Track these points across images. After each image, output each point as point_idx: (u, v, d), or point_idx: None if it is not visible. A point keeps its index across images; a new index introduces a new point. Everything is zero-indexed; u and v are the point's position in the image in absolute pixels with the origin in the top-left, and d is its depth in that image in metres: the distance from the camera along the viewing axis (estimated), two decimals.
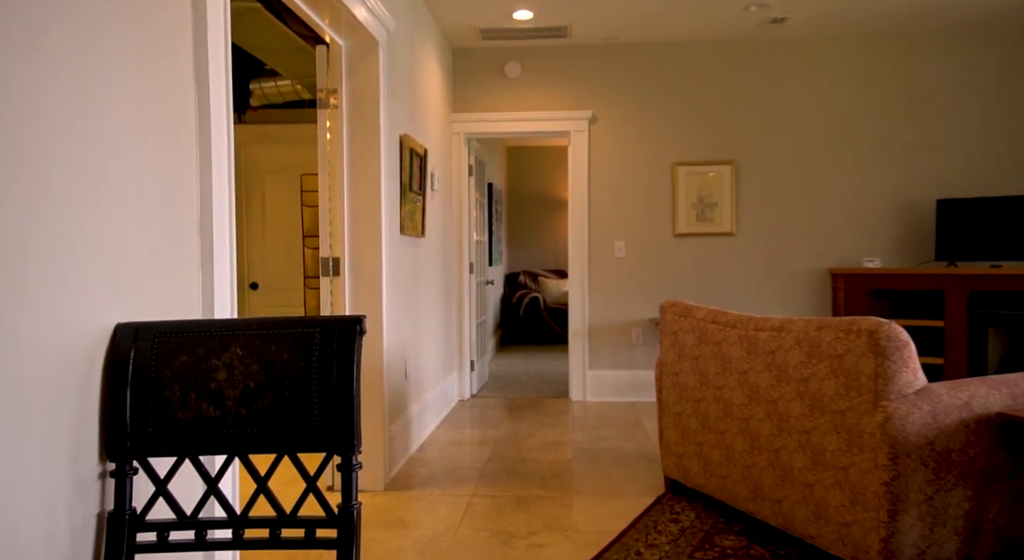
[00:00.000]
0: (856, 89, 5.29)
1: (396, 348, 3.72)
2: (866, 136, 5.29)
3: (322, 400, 1.38)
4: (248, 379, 1.38)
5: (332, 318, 1.43)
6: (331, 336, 1.41)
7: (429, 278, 4.55)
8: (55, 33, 1.24)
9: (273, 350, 1.40)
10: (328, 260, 3.33)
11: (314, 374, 1.39)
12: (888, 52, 5.27)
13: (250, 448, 1.38)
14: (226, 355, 1.39)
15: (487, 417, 4.92)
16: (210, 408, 1.37)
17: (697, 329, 3.00)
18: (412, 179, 3.93)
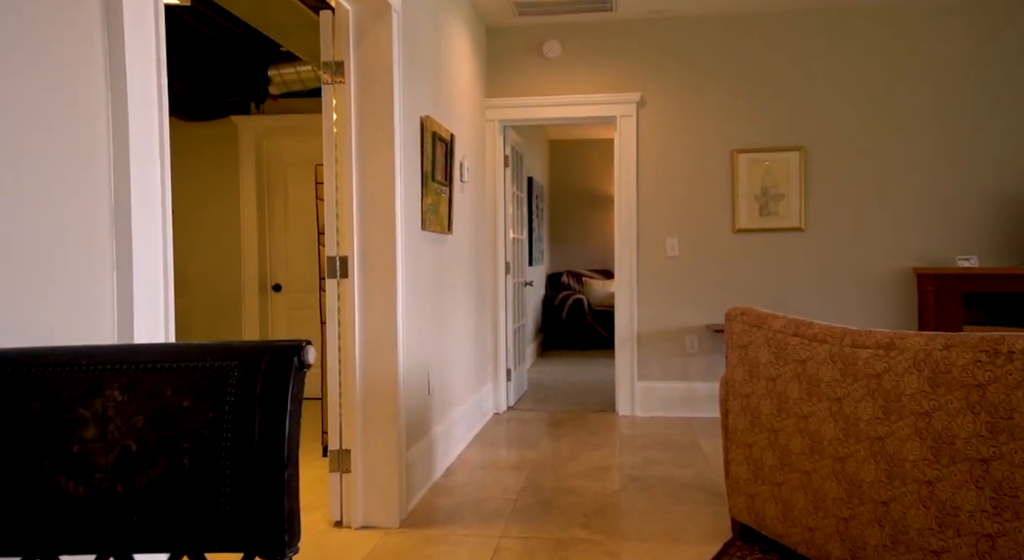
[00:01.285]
0: (954, 68, 4.62)
1: (416, 360, 3.26)
2: (964, 119, 4.62)
3: (237, 472, 0.91)
4: (129, 438, 0.92)
5: (259, 346, 0.95)
6: (254, 373, 0.93)
7: (458, 279, 4.08)
8: None
9: (168, 394, 0.93)
10: (335, 259, 2.88)
11: (226, 431, 0.91)
12: (997, 27, 4.58)
13: (130, 546, 0.91)
14: (99, 401, 0.93)
15: (524, 434, 4.42)
16: (71, 484, 0.91)
17: (774, 343, 2.45)
18: (436, 167, 3.45)
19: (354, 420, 2.89)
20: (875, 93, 4.69)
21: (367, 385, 2.91)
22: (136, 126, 1.30)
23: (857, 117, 4.71)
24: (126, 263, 1.28)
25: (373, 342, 2.90)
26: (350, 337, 2.88)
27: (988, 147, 4.59)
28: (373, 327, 2.90)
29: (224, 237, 5.47)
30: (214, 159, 5.46)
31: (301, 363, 0.94)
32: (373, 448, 2.91)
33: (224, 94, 4.87)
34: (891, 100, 4.68)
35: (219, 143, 5.46)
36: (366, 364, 2.90)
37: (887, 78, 4.68)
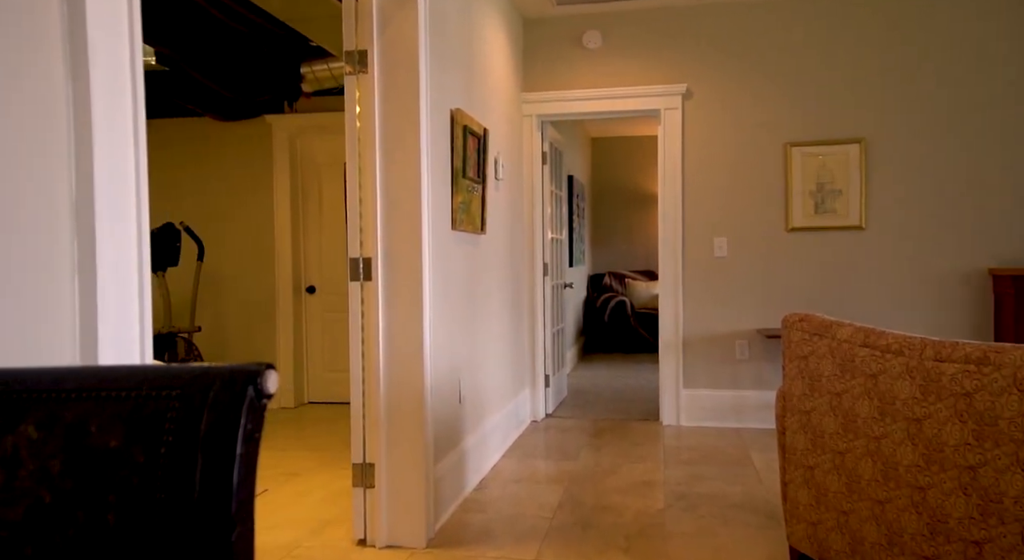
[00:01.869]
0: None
1: (446, 367, 3.07)
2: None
3: (173, 533, 0.71)
4: (42, 487, 0.73)
5: (208, 371, 0.76)
6: (199, 406, 0.74)
7: (492, 282, 3.88)
8: None
9: (93, 432, 0.74)
10: (358, 261, 2.71)
11: (161, 481, 0.72)
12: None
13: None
14: (9, 440, 0.75)
15: (563, 444, 4.20)
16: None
17: (839, 353, 2.18)
18: (467, 163, 3.26)
19: (378, 432, 2.72)
20: (946, 78, 4.32)
21: (392, 394, 2.73)
22: (102, 109, 1.13)
23: (925, 105, 4.36)
24: (89, 266, 1.11)
25: (398, 349, 2.72)
26: (374, 343, 2.70)
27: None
28: (398, 333, 2.72)
29: (258, 238, 5.38)
30: (248, 159, 5.38)
31: (259, 393, 0.75)
32: (398, 462, 2.73)
33: (256, 92, 4.78)
34: (964, 86, 4.31)
35: (253, 143, 5.37)
36: (390, 372, 2.73)
37: (962, 61, 4.31)
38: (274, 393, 0.77)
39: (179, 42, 4.08)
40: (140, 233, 1.21)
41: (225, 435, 0.72)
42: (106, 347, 1.13)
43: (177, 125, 5.41)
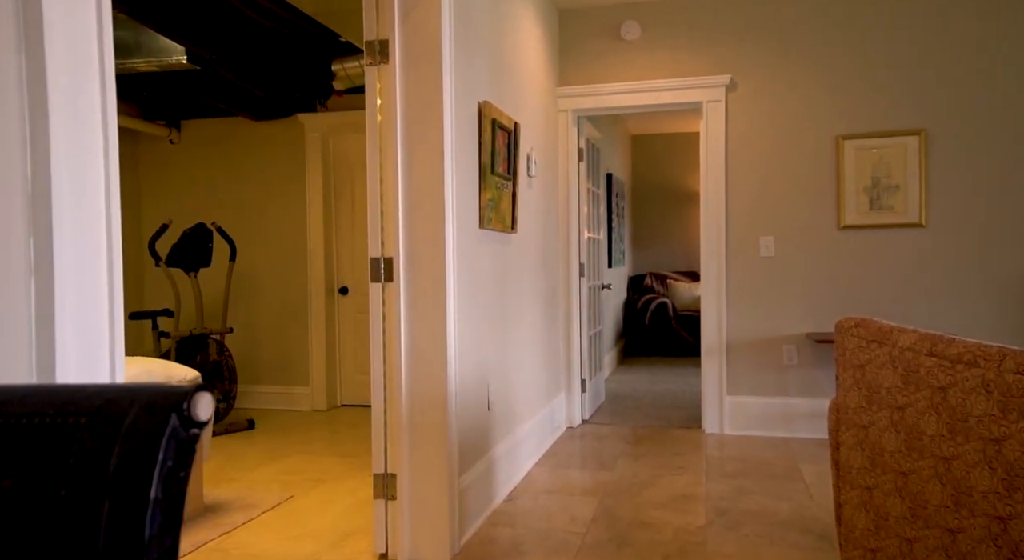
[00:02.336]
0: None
1: (473, 372, 2.92)
2: None
3: None
4: None
5: (128, 393, 0.62)
6: (110, 437, 0.60)
7: (524, 283, 3.72)
8: None
9: None
10: (379, 261, 2.58)
11: (60, 532, 0.58)
12: None
13: None
14: None
15: (599, 452, 4.02)
16: None
17: (901, 363, 1.96)
18: (496, 159, 3.11)
19: (400, 441, 2.59)
20: (1016, 61, 4.00)
21: (414, 401, 2.59)
22: (61, 92, 1.01)
23: (993, 92, 4.04)
24: (46, 265, 0.99)
25: (420, 353, 2.58)
26: (395, 347, 2.57)
27: None
28: (420, 336, 2.58)
29: (290, 239, 5.33)
30: (281, 159, 5.34)
31: (186, 421, 0.60)
32: (421, 473, 2.59)
33: (288, 91, 4.72)
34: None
35: (285, 142, 5.32)
36: (413, 378, 2.59)
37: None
38: (208, 420, 0.62)
39: (210, 40, 4.03)
40: (110, 232, 1.09)
41: (138, 474, 0.58)
42: (66, 358, 1.01)
43: (211, 125, 5.40)
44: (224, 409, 4.66)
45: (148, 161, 5.46)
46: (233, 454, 4.09)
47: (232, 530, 2.88)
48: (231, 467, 3.83)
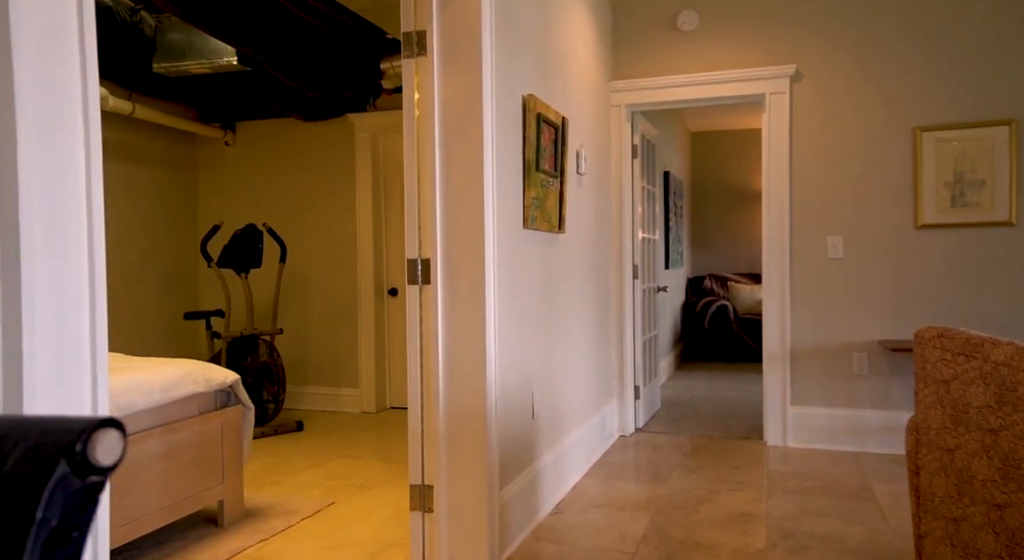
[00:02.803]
0: None
1: (516, 379, 2.78)
2: None
3: None
4: None
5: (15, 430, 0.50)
6: None
7: (573, 285, 3.56)
8: None
9: None
10: (416, 262, 2.47)
11: None
12: None
13: None
14: None
15: (653, 464, 3.82)
16: None
17: (995, 379, 1.72)
18: (542, 155, 2.96)
19: (437, 451, 2.46)
20: None
21: (451, 409, 2.47)
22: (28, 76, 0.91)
23: None
24: (13, 269, 0.90)
25: (457, 359, 2.46)
26: (432, 353, 2.45)
27: None
28: (458, 341, 2.45)
29: (341, 240, 5.30)
30: (331, 159, 5.32)
31: (81, 466, 0.48)
32: (459, 484, 2.47)
33: (337, 90, 4.68)
34: None
35: (336, 142, 5.30)
36: (450, 384, 2.47)
37: None
38: (112, 464, 0.50)
39: (258, 40, 4.02)
40: (91, 232, 0.99)
41: (11, 536, 0.45)
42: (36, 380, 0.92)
43: (263, 127, 5.43)
44: (273, 410, 4.65)
45: (204, 163, 5.53)
46: (281, 456, 4.07)
47: (270, 537, 2.81)
48: (277, 470, 3.80)
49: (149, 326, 5.03)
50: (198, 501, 2.75)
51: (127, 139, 4.88)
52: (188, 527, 2.91)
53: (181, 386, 2.66)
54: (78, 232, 0.98)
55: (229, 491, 2.89)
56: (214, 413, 2.84)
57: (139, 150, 4.99)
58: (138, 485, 2.46)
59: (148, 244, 5.05)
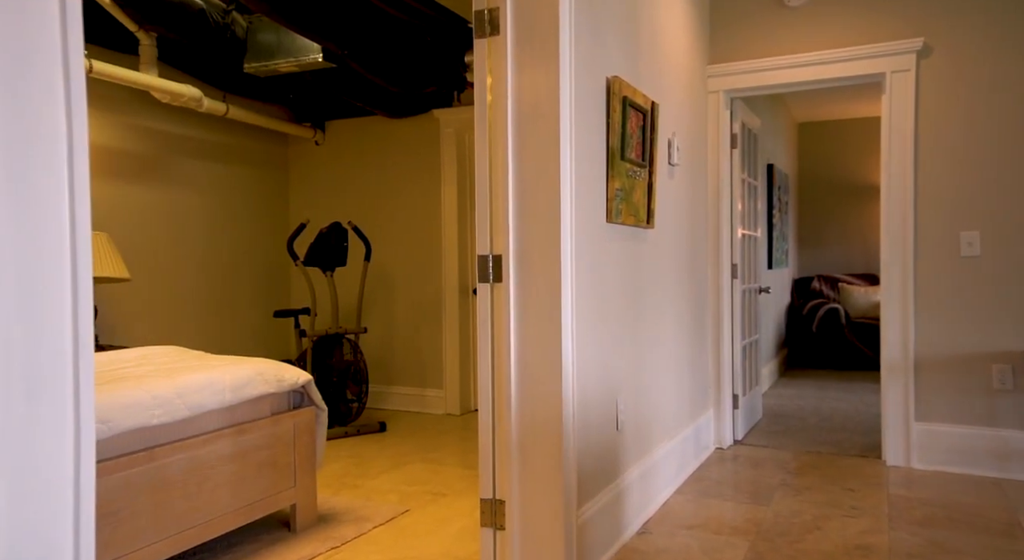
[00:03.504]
0: None
1: (597, 386, 2.55)
2: None
3: None
4: None
5: None
6: None
7: (663, 284, 3.28)
8: None
9: None
10: (487, 259, 2.29)
11: None
12: None
13: None
14: None
15: (753, 481, 3.48)
16: None
17: None
18: (627, 143, 2.72)
19: (510, 463, 2.28)
20: None
21: (524, 419, 2.27)
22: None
23: None
24: None
25: (532, 363, 2.26)
26: (504, 355, 2.26)
27: None
28: (532, 344, 2.25)
29: (425, 238, 5.23)
30: (416, 156, 5.25)
31: None
32: (533, 501, 2.27)
33: (421, 84, 4.59)
34: None
35: (421, 139, 5.23)
36: (523, 391, 2.27)
37: None
38: None
39: (341, 35, 3.98)
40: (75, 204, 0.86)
41: None
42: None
43: (350, 125, 5.43)
44: (356, 410, 4.62)
45: (295, 162, 5.61)
46: (362, 457, 4.01)
47: (341, 545, 2.71)
48: (357, 472, 3.73)
49: (242, 324, 5.13)
50: (270, 504, 2.68)
51: (222, 140, 4.99)
52: (262, 530, 2.86)
53: (252, 386, 2.60)
54: (52, 216, 0.84)
55: (302, 495, 2.82)
56: (286, 414, 2.77)
57: (233, 150, 5.10)
58: (208, 487, 2.41)
59: (241, 243, 5.15)
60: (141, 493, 2.18)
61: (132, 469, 2.16)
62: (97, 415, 2.04)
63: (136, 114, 4.36)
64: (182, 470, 2.32)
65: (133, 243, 4.35)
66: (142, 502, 2.18)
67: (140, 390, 2.22)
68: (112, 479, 2.09)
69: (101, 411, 2.06)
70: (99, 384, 2.24)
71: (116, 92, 4.25)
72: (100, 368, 2.58)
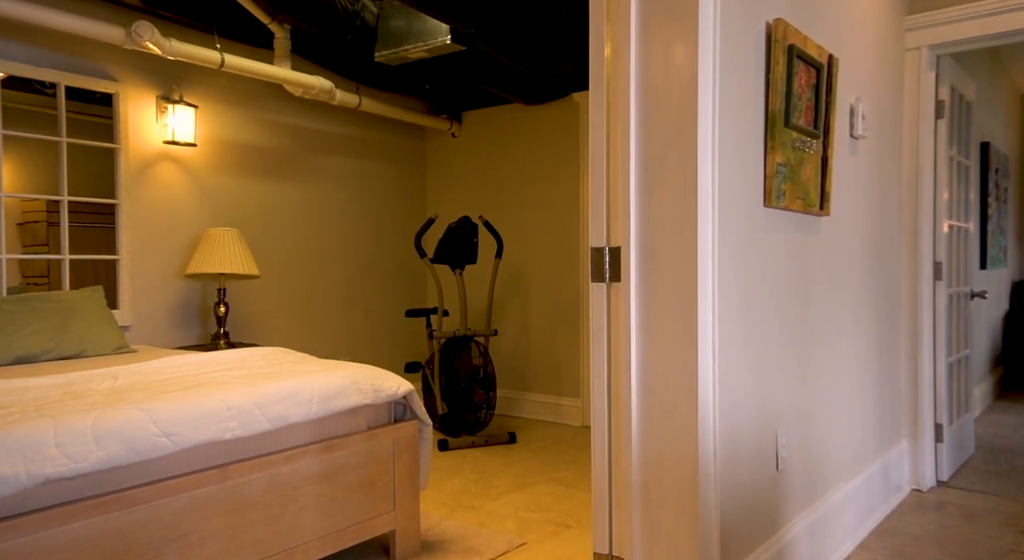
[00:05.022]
0: None
1: (751, 416, 1.99)
2: None
3: None
4: None
5: None
6: None
7: (840, 286, 2.62)
8: None
9: None
10: (602, 252, 1.82)
11: None
12: None
13: None
14: None
15: (968, 542, 2.70)
16: None
17: None
18: (793, 105, 2.12)
19: (630, 510, 1.79)
20: None
21: (649, 455, 1.78)
22: None
23: None
24: None
25: (660, 385, 1.76)
26: (624, 375, 1.79)
27: None
28: (660, 361, 1.76)
29: (562, 233, 4.81)
30: (554, 145, 4.84)
31: None
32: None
33: (554, 64, 4.18)
34: None
35: (559, 126, 4.82)
36: (648, 420, 1.78)
37: None
38: None
39: (468, 13, 3.67)
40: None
41: None
42: None
43: (486, 115, 5.14)
44: (484, 418, 4.30)
45: (433, 156, 5.42)
46: (484, 472, 3.67)
47: None
48: (475, 490, 3.39)
49: (375, 323, 5.01)
50: (364, 530, 2.39)
51: (356, 134, 4.89)
52: (356, 557, 2.59)
53: (344, 396, 2.32)
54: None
55: (402, 520, 2.51)
56: (385, 428, 2.47)
57: (368, 145, 4.99)
58: (292, 510, 2.16)
59: (376, 240, 5.03)
60: (213, 516, 1.96)
61: (202, 488, 1.93)
62: (161, 428, 1.83)
63: (269, 109, 4.34)
64: (261, 490, 2.08)
65: (264, 240, 4.33)
66: (214, 525, 1.96)
67: (214, 399, 2.00)
68: (178, 500, 1.88)
69: (165, 423, 1.85)
70: (174, 390, 2.05)
71: (250, 87, 4.24)
72: (189, 371, 2.42)
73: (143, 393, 2.02)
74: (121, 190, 3.67)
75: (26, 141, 3.36)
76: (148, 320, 3.77)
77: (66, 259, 3.48)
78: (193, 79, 3.96)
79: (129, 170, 3.70)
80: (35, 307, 3.03)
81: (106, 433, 1.73)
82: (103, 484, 1.76)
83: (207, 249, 3.74)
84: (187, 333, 3.93)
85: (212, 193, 4.05)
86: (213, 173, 4.06)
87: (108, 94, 3.62)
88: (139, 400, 1.91)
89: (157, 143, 3.80)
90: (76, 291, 3.27)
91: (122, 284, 3.68)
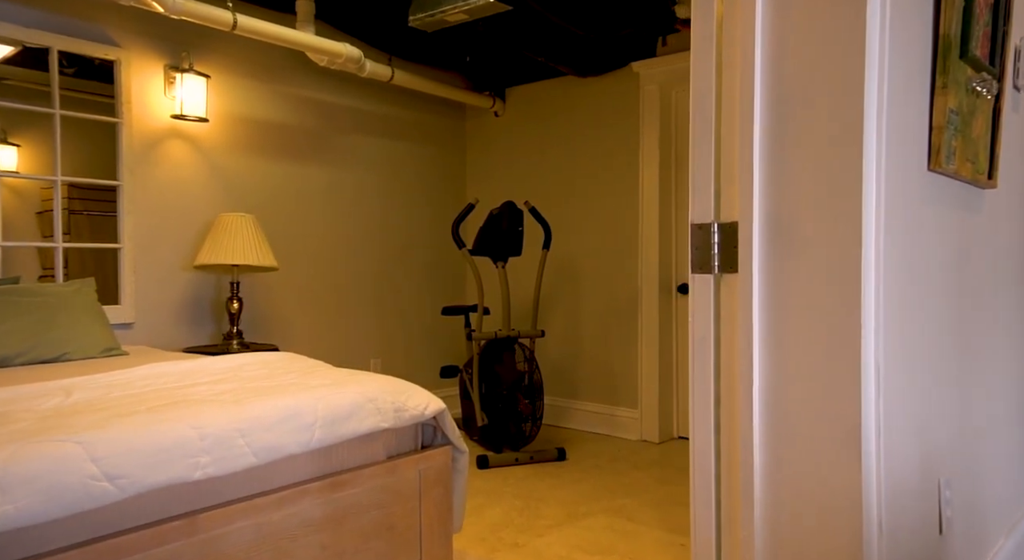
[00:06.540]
0: None
1: (910, 462, 1.42)
2: None
3: None
4: None
5: None
6: None
7: (1003, 283, 2.01)
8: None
9: None
10: (709, 231, 1.27)
11: None
12: None
13: None
14: None
15: None
16: None
17: None
18: (971, 31, 1.53)
19: None
20: None
21: (781, 530, 1.23)
22: None
23: None
24: None
25: (800, 423, 1.21)
26: (742, 406, 1.24)
27: None
28: (798, 386, 1.20)
29: (619, 223, 4.25)
30: (609, 122, 4.28)
31: None
32: None
33: (613, 26, 3.63)
34: None
35: (615, 100, 4.25)
36: (781, 468, 1.23)
37: None
38: None
39: None
40: None
41: None
42: None
43: (533, 90, 4.60)
44: (530, 431, 3.78)
45: (473, 136, 4.91)
46: (530, 497, 3.15)
47: None
48: (519, 521, 2.87)
49: (408, 322, 4.53)
50: None
51: (389, 112, 4.41)
52: None
53: (357, 418, 1.82)
54: None
55: None
56: (409, 458, 1.97)
57: (403, 123, 4.50)
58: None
59: (411, 229, 4.54)
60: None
61: (161, 546, 1.45)
62: (102, 468, 1.36)
63: (289, 81, 3.88)
64: (245, 545, 1.59)
65: (284, 228, 3.88)
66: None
67: (183, 424, 1.52)
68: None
69: (109, 460, 1.37)
70: (137, 411, 1.57)
71: (268, 55, 3.78)
72: (168, 383, 1.95)
73: (94, 416, 1.55)
74: (124, 170, 3.25)
75: (32, 123, 2.98)
76: (153, 317, 3.35)
77: (59, 247, 3.07)
78: (205, 46, 3.52)
79: (133, 148, 3.28)
80: (14, 302, 2.62)
81: (20, 479, 1.26)
82: (13, 548, 1.29)
83: (219, 237, 3.30)
84: (197, 332, 3.50)
85: (225, 174, 3.61)
86: (227, 152, 3.62)
87: (109, 64, 3.20)
88: (82, 427, 1.44)
89: (164, 118, 3.38)
90: (64, 284, 2.86)
91: (124, 276, 3.26)
